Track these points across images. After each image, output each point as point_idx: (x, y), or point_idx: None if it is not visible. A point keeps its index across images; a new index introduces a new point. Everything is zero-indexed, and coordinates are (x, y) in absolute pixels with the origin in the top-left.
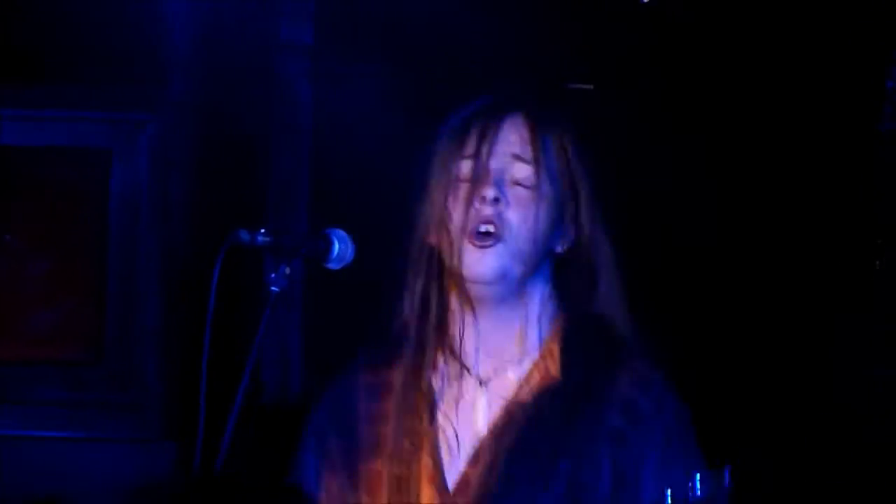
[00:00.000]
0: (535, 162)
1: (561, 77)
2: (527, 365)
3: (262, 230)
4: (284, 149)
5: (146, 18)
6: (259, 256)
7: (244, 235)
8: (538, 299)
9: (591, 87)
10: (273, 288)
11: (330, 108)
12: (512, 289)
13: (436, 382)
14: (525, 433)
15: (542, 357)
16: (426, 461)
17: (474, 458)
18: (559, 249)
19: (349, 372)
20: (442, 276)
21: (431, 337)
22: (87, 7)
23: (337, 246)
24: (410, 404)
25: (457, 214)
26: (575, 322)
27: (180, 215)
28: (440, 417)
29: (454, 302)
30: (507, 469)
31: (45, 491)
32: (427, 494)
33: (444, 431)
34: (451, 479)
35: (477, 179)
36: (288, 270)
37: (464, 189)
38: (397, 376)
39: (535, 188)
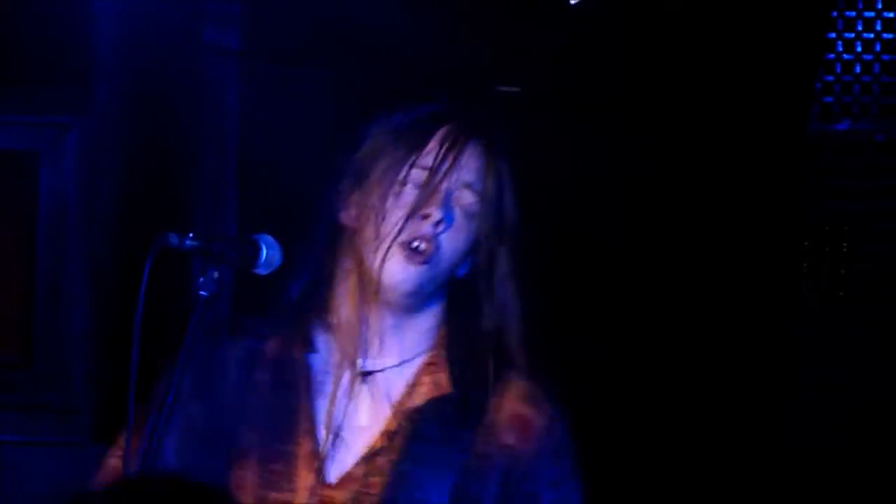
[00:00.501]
0: (483, 196)
1: (489, 80)
2: (412, 370)
3: (191, 234)
4: (211, 152)
5: (71, 19)
6: (187, 260)
7: (173, 239)
8: (433, 312)
9: (518, 90)
10: (202, 292)
11: (257, 112)
12: (416, 302)
13: (315, 365)
14: (414, 441)
15: (430, 363)
16: (303, 443)
17: (353, 453)
18: (462, 273)
19: (225, 340)
20: (340, 257)
21: (315, 316)
22: (10, 6)
23: (265, 251)
24: (287, 380)
25: (393, 219)
26: (465, 335)
27: (108, 218)
28: (318, 400)
29: (347, 288)
30: (395, 475)
31: None
32: (303, 478)
33: (323, 418)
34: (334, 470)
35: (428, 196)
36: (216, 275)
37: (409, 197)
38: (276, 349)
39: (473, 219)
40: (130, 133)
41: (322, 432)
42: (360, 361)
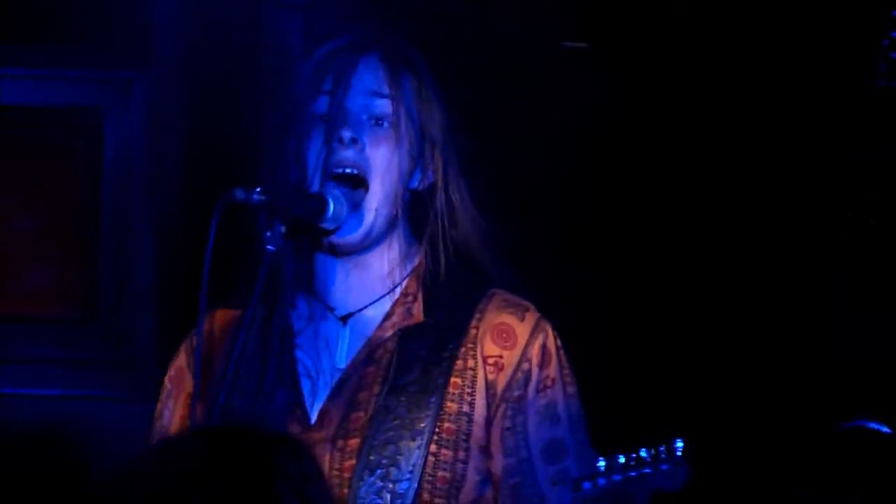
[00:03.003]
0: (394, 99)
1: (556, 36)
2: (387, 303)
3: (258, 189)
4: (275, 106)
5: None
6: (254, 215)
7: (239, 194)
8: (399, 239)
9: (585, 45)
10: (268, 247)
11: None
12: (378, 234)
13: (296, 321)
14: (388, 368)
15: (403, 295)
16: (288, 396)
17: (334, 392)
18: (417, 187)
19: (207, 312)
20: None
21: (289, 276)
22: None
23: (331, 205)
24: (268, 341)
25: (312, 155)
26: (436, 259)
27: (172, 173)
28: (300, 355)
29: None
30: (371, 403)
31: (38, 449)
32: (291, 429)
33: (304, 367)
34: (316, 413)
35: (333, 120)
36: (283, 230)
37: (320, 131)
38: (255, 314)
39: (395, 126)
40: (193, 87)
41: (304, 383)
42: (336, 308)
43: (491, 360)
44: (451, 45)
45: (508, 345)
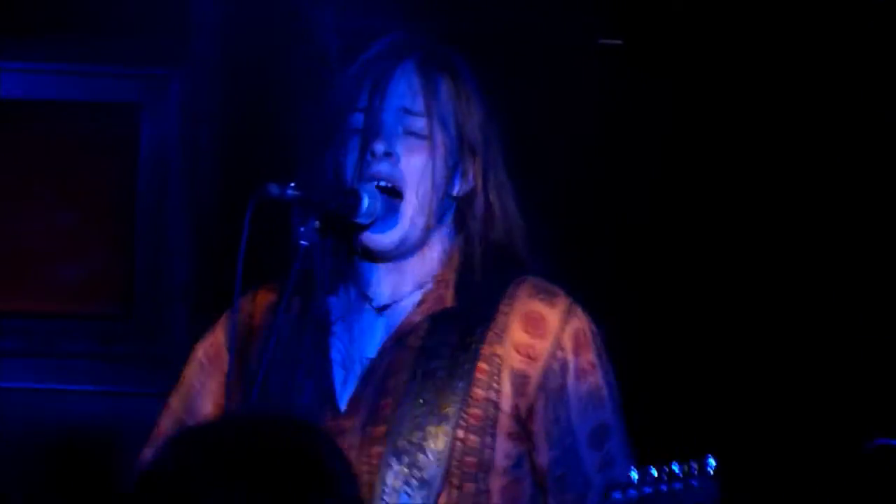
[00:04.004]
0: (427, 113)
1: (592, 33)
2: (421, 293)
3: (292, 184)
4: (310, 101)
5: None
6: (288, 210)
7: (274, 189)
8: (439, 242)
9: (621, 42)
10: (302, 242)
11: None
12: (413, 243)
13: (333, 310)
14: (418, 354)
15: (437, 283)
16: (320, 385)
17: (364, 380)
18: (458, 193)
19: (246, 294)
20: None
21: (326, 271)
22: None
23: (366, 201)
24: (304, 331)
25: (349, 167)
26: (471, 252)
27: (208, 168)
28: (335, 343)
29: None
30: (400, 389)
31: (73, 443)
32: (322, 418)
33: (337, 357)
34: (344, 400)
35: (368, 133)
36: (317, 224)
37: (356, 142)
38: (292, 304)
39: (429, 138)
40: (230, 84)
41: (337, 371)
42: (374, 299)
43: (522, 350)
44: (485, 42)
45: (540, 333)
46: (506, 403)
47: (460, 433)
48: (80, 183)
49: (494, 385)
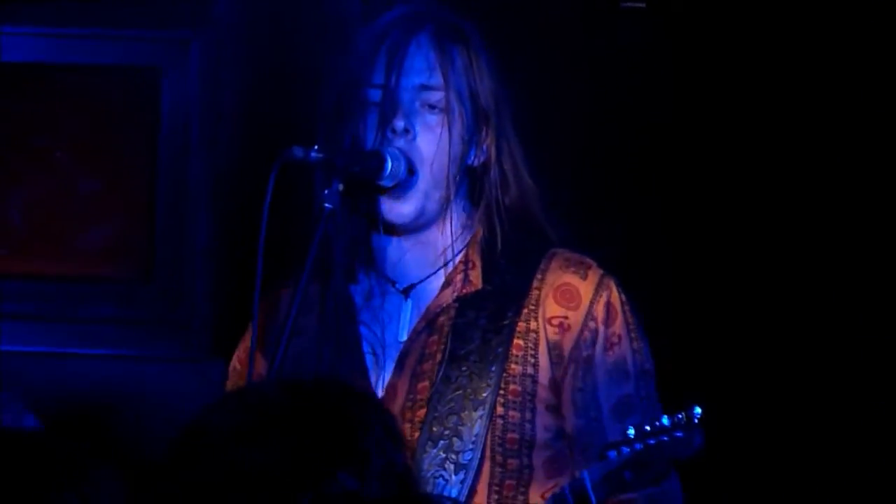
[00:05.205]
0: (445, 86)
1: None
2: (445, 275)
3: (316, 147)
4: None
5: None
6: (311, 173)
7: (298, 152)
8: (457, 213)
9: (643, 5)
10: (326, 205)
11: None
12: (432, 215)
13: (357, 296)
14: (448, 338)
15: (462, 263)
16: (353, 373)
17: (399, 365)
18: (474, 164)
19: (270, 290)
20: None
21: (344, 250)
22: None
23: (390, 163)
24: (328, 318)
25: (368, 143)
26: (492, 228)
27: (230, 133)
28: (363, 330)
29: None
30: (434, 373)
31: (94, 408)
32: None
33: (368, 343)
34: (380, 388)
35: (386, 110)
36: (341, 187)
37: (374, 117)
38: (318, 291)
39: (446, 111)
40: (251, 48)
41: (369, 358)
42: (398, 282)
43: (555, 322)
44: (505, 7)
45: (573, 305)
46: (543, 376)
47: (500, 410)
48: (100, 147)
49: (531, 360)
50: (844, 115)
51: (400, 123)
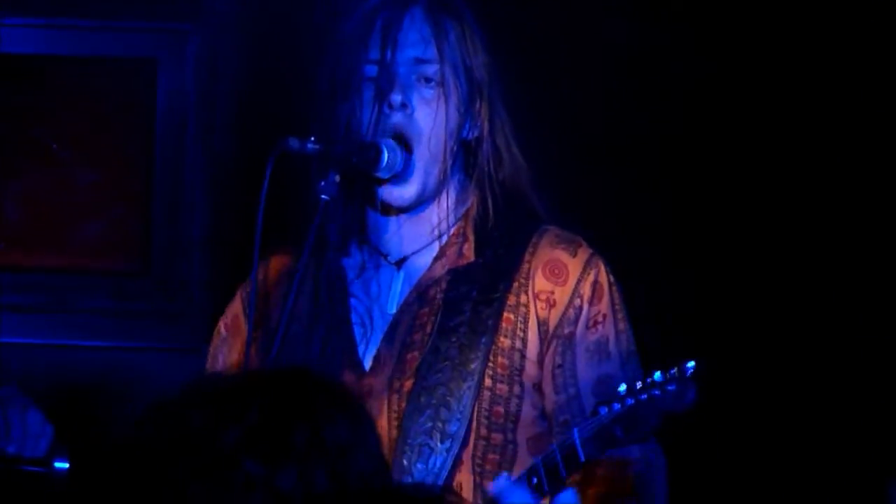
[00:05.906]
0: (440, 59)
1: None
2: (437, 247)
3: (312, 138)
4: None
5: None
6: (307, 164)
7: (294, 143)
8: (453, 188)
9: None
10: (323, 196)
11: None
12: (431, 192)
13: (349, 269)
14: (439, 309)
15: (455, 236)
16: (341, 344)
17: (387, 335)
18: (468, 136)
19: (260, 260)
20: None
21: (339, 226)
22: None
23: (386, 154)
24: (320, 290)
25: (365, 119)
26: (485, 202)
27: (227, 124)
28: (354, 303)
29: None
30: (424, 343)
31: (92, 399)
32: (346, 376)
33: (357, 315)
34: (368, 359)
35: (382, 85)
36: (337, 179)
37: (369, 95)
38: (312, 267)
39: (441, 84)
40: (248, 39)
41: (358, 330)
42: (390, 255)
43: (543, 297)
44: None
45: (560, 280)
46: (531, 351)
47: (488, 382)
48: (96, 139)
49: (520, 334)
50: (844, 115)
51: (397, 98)
